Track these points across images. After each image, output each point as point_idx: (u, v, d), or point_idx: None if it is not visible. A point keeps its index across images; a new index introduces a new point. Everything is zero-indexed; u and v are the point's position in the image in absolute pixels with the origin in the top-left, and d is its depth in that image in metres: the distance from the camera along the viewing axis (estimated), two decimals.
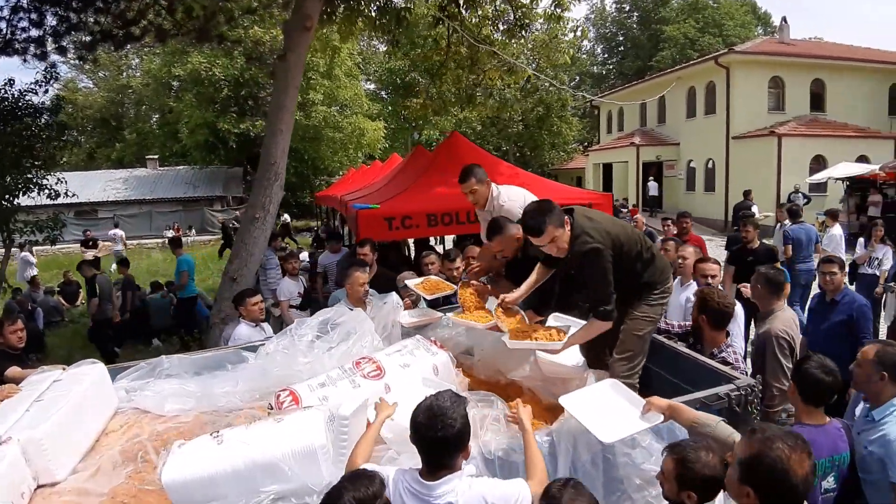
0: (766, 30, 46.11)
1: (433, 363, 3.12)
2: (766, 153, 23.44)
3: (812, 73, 25.16)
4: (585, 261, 3.03)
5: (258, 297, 4.93)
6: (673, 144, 29.00)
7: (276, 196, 6.84)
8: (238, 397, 3.43)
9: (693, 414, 2.51)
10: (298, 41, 6.80)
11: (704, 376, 3.27)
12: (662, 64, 41.15)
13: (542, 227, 2.96)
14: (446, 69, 10.80)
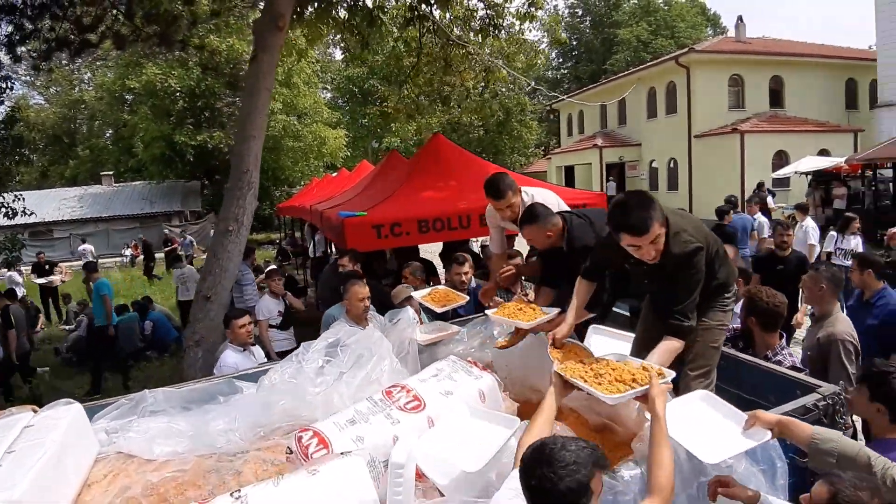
0: (715, 31, 47.19)
1: (478, 388, 2.68)
2: (728, 151, 23.76)
3: (770, 71, 25.68)
4: (686, 263, 2.59)
5: (246, 317, 4.41)
6: (634, 145, 29.24)
7: (250, 206, 6.33)
8: (239, 436, 2.93)
9: (810, 429, 2.14)
10: (271, 41, 6.31)
11: (773, 385, 2.92)
12: (617, 67, 41.67)
13: (648, 223, 2.42)
14: (418, 71, 10.39)
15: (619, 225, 2.50)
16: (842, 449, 2.04)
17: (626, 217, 2.46)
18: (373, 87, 34.21)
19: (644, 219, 2.42)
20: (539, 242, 3.40)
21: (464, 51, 9.49)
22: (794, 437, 2.15)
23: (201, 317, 5.84)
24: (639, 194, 2.56)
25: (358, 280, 4.29)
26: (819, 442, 2.07)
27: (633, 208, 2.45)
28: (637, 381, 2.25)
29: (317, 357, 3.24)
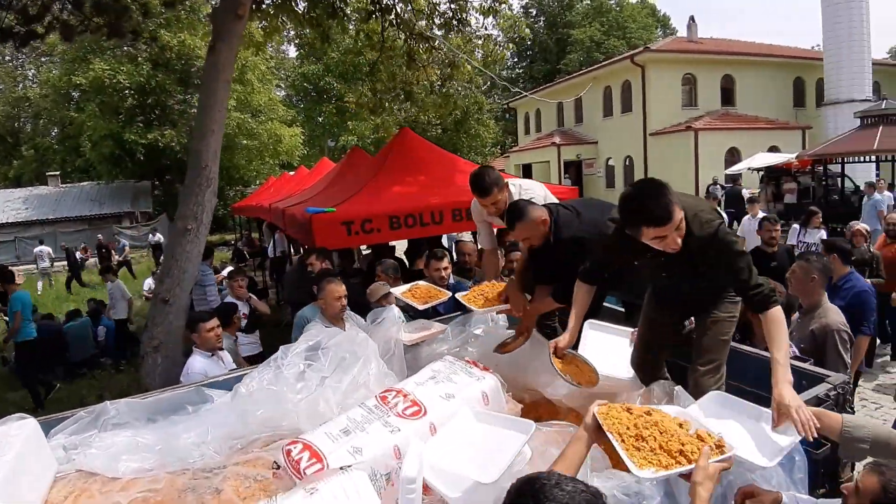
0: (665, 32, 48.11)
1: (481, 390, 2.48)
2: (683, 148, 24.23)
3: (721, 70, 26.32)
4: (718, 244, 2.38)
5: (214, 320, 4.12)
6: (591, 143, 29.56)
7: (209, 204, 6.01)
8: (213, 449, 2.68)
9: (840, 417, 2.02)
10: (230, 30, 5.99)
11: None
12: (571, 67, 42.10)
13: (671, 209, 2.19)
14: (380, 65, 10.15)
15: (640, 218, 2.25)
16: (875, 434, 1.95)
17: (646, 208, 2.22)
18: (328, 85, 33.70)
19: (666, 205, 2.20)
20: (535, 238, 3.18)
21: (427, 45, 9.29)
22: (825, 427, 2.03)
23: (160, 321, 5.51)
24: (649, 182, 2.33)
25: (334, 278, 4.05)
26: (852, 429, 1.96)
27: (651, 197, 2.23)
28: (685, 455, 1.85)
29: (297, 361, 2.99)
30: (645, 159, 26.30)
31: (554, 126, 33.06)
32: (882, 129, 15.41)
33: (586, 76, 29.56)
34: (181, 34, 20.39)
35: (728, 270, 2.43)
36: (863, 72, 23.43)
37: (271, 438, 2.78)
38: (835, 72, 23.71)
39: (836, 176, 18.00)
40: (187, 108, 23.04)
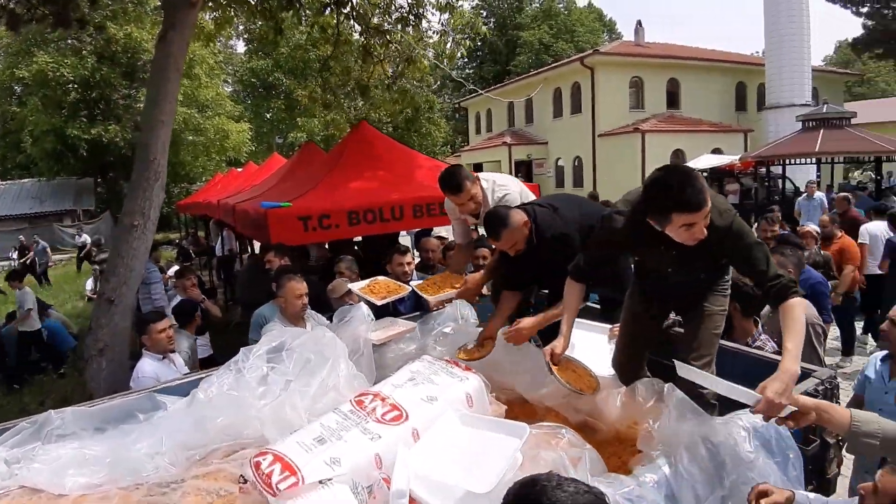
0: (611, 36, 48.99)
1: (465, 391, 2.33)
2: (630, 149, 24.69)
3: (667, 74, 26.95)
4: (735, 234, 2.30)
5: (165, 321, 3.85)
6: (542, 143, 29.81)
7: (158, 198, 5.69)
8: (168, 461, 2.47)
9: (848, 412, 1.92)
10: (182, 18, 5.69)
11: (760, 372, 2.77)
12: (520, 68, 42.44)
13: (706, 195, 2.10)
14: (334, 59, 9.88)
15: (672, 205, 2.13)
16: (885, 429, 1.85)
17: (683, 194, 2.10)
18: (277, 81, 33.02)
19: (700, 190, 2.10)
20: (522, 243, 3.03)
21: (384, 39, 9.08)
22: (832, 422, 1.92)
23: (105, 322, 5.16)
24: (678, 168, 2.24)
25: (294, 275, 3.85)
26: (861, 424, 1.86)
27: (687, 183, 2.11)
28: None
29: (259, 364, 2.79)
30: (594, 160, 26.70)
31: (505, 126, 33.27)
32: (823, 133, 15.97)
33: (537, 77, 29.81)
34: (128, 27, 19.55)
35: (746, 261, 2.35)
36: (803, 77, 24.33)
37: (232, 448, 2.58)
38: (776, 77, 24.55)
39: (778, 177, 18.61)
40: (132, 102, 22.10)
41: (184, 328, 4.87)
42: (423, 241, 5.63)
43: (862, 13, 28.80)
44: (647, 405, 2.40)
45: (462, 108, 40.68)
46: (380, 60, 9.38)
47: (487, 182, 3.64)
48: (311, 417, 2.43)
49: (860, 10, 28.77)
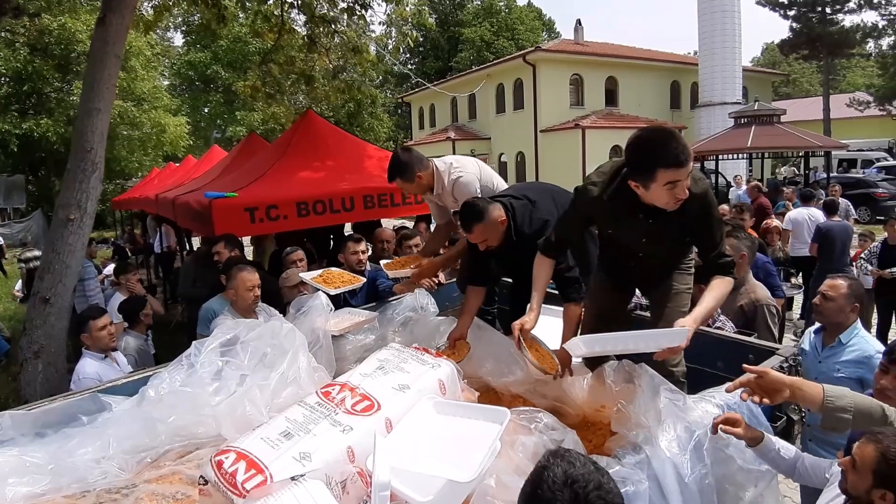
0: (550, 35, 49.68)
1: (437, 378, 2.24)
2: (571, 145, 25.13)
3: (606, 72, 27.57)
4: (707, 203, 2.33)
5: (106, 317, 3.62)
6: (485, 139, 29.98)
7: (95, 191, 5.37)
8: (117, 465, 2.31)
9: (820, 387, 1.95)
10: (121, 0, 5.40)
11: (721, 352, 2.83)
12: (462, 65, 42.60)
13: (688, 155, 2.11)
14: (278, 48, 9.61)
15: (660, 160, 2.10)
16: (856, 403, 1.89)
17: (669, 148, 2.09)
18: (216, 74, 32.05)
19: (685, 147, 2.10)
20: (494, 239, 2.94)
21: (330, 28, 8.88)
22: (806, 397, 1.94)
23: (39, 323, 4.84)
24: (661, 126, 2.26)
25: (246, 266, 3.69)
26: (834, 399, 1.89)
27: (672, 139, 2.11)
28: None
29: (213, 358, 2.65)
30: (536, 155, 27.05)
31: (448, 121, 33.32)
32: (755, 129, 16.62)
33: (480, 73, 30.00)
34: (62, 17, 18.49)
35: (707, 231, 2.41)
36: (734, 77, 25.31)
37: (186, 449, 2.44)
38: (709, 76, 25.45)
39: (711, 172, 19.28)
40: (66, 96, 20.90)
41: (133, 328, 4.61)
42: (378, 232, 5.50)
43: (789, 16, 30.13)
44: (617, 388, 2.38)
45: (405, 103, 40.52)
46: (325, 50, 9.17)
47: (444, 164, 3.58)
48: (273, 413, 2.32)
49: (787, 12, 30.09)
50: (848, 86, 47.62)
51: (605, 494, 1.23)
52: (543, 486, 1.24)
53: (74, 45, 19.40)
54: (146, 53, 21.95)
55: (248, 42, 29.78)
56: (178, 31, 33.95)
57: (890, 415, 1.87)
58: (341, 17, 9.28)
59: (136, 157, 22.64)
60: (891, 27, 28.76)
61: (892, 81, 27.91)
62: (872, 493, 1.66)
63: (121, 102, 20.33)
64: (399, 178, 3.53)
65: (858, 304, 3.01)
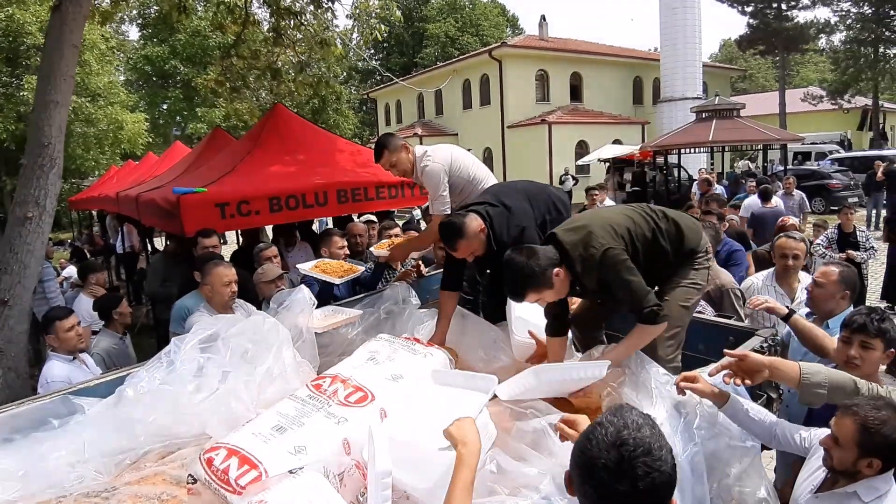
0: (514, 31, 49.89)
1: (431, 368, 2.20)
2: (538, 140, 25.29)
3: (570, 68, 27.80)
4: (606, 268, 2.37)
5: (73, 317, 3.47)
6: (452, 135, 29.94)
7: (54, 187, 5.20)
8: (94, 468, 2.22)
9: (796, 365, 2.05)
10: None
11: (701, 335, 2.86)
12: (427, 60, 42.48)
13: (523, 295, 2.35)
14: (242, 43, 9.41)
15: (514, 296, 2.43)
16: (830, 378, 2.00)
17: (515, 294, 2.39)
18: (174, 69, 31.30)
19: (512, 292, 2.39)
20: (479, 249, 2.93)
21: (296, 21, 8.73)
22: (784, 376, 2.05)
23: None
24: (515, 266, 2.32)
25: (221, 260, 3.59)
26: (810, 375, 2.00)
27: (512, 284, 2.35)
28: None
29: (193, 355, 2.56)
30: (503, 150, 27.14)
31: (415, 117, 33.20)
32: (716, 123, 16.92)
33: (446, 69, 29.94)
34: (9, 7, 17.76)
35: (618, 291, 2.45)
36: (695, 73, 25.73)
37: (168, 449, 2.36)
38: (670, 72, 25.83)
39: (674, 166, 19.61)
40: (15, 91, 20.11)
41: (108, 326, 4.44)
42: (350, 227, 5.44)
43: (747, 12, 30.81)
44: None
45: (370, 99, 40.21)
46: (292, 43, 9.02)
47: (420, 151, 3.67)
48: (259, 409, 2.25)
49: (745, 9, 30.76)
50: (802, 81, 48.99)
51: (653, 462, 1.19)
52: (593, 441, 1.23)
53: (24, 37, 18.70)
54: (101, 47, 21.25)
55: (208, 36, 29.13)
56: (133, 24, 33.03)
57: (861, 387, 1.97)
58: (307, 10, 9.14)
59: (91, 155, 21.91)
60: (843, 23, 29.66)
61: (844, 76, 28.82)
62: (858, 464, 1.74)
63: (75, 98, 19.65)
64: (386, 149, 3.61)
65: (850, 290, 3.02)
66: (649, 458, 1.19)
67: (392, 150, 3.62)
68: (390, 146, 3.62)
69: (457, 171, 3.68)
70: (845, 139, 27.95)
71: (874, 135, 29.86)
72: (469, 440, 1.53)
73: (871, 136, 30.01)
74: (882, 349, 2.30)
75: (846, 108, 29.71)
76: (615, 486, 1.17)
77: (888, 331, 2.29)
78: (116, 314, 4.38)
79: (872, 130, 30.34)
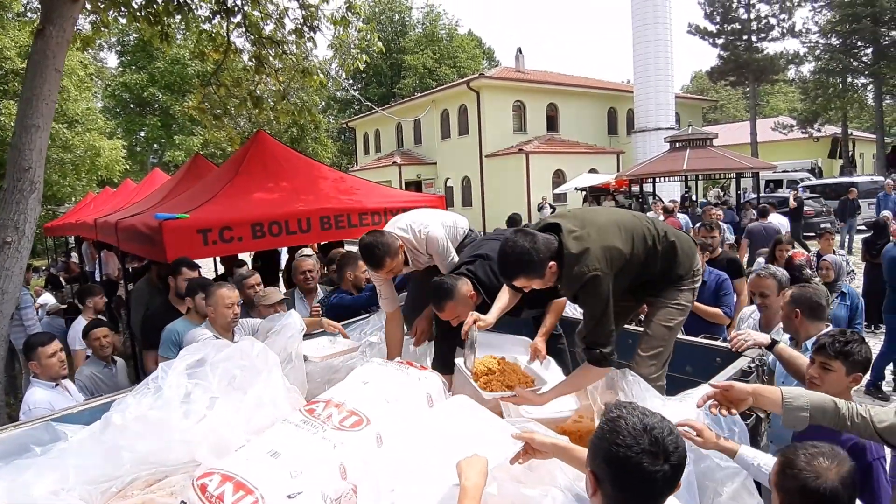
0: (490, 63, 50.67)
1: (426, 391, 2.20)
2: (515, 169, 25.57)
3: (547, 98, 28.28)
4: (583, 289, 2.39)
5: (55, 343, 3.41)
6: (431, 164, 30.16)
7: (34, 212, 5.16)
8: (79, 496, 2.18)
9: (778, 390, 2.08)
10: (62, 12, 5.21)
11: (689, 357, 2.90)
12: (405, 91, 42.90)
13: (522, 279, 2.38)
14: (224, 71, 9.43)
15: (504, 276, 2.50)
16: (811, 401, 2.03)
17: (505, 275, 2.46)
18: (152, 97, 31.23)
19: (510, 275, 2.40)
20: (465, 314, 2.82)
21: (278, 50, 8.79)
22: (767, 402, 2.10)
23: None
24: (509, 255, 2.34)
25: (224, 283, 3.58)
26: (792, 399, 2.03)
27: (503, 266, 2.40)
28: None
29: (181, 381, 2.52)
30: (481, 180, 27.37)
31: (394, 146, 33.41)
32: (689, 152, 17.26)
33: (425, 98, 30.26)
34: None
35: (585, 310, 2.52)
36: (668, 104, 26.34)
37: (155, 477, 2.32)
38: (643, 103, 26.42)
39: (648, 194, 19.93)
40: None
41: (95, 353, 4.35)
42: (299, 262, 5.35)
43: (718, 44, 31.68)
44: (600, 395, 2.39)
45: (349, 128, 40.41)
46: (274, 72, 9.07)
47: (407, 233, 3.39)
48: (250, 434, 2.22)
49: (716, 41, 31.64)
50: (772, 110, 50.36)
51: (676, 439, 1.33)
52: (623, 432, 1.31)
53: (3, 62, 18.61)
54: (79, 73, 21.16)
55: (187, 64, 29.17)
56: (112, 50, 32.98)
57: (841, 407, 1.99)
58: (289, 39, 9.22)
59: (68, 181, 21.66)
60: (811, 54, 30.63)
61: (814, 106, 29.66)
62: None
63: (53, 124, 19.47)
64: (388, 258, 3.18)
65: (803, 310, 3.04)
66: (673, 436, 1.33)
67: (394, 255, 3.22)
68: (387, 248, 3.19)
69: (446, 222, 3.60)
70: (816, 167, 28.66)
71: (844, 162, 30.68)
72: (472, 481, 1.55)
73: (842, 164, 30.81)
74: (844, 371, 2.33)
75: (816, 137, 30.50)
76: (656, 468, 1.28)
77: (852, 353, 2.32)
78: (93, 339, 4.28)
79: (842, 158, 31.19)
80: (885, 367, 6.45)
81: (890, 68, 27.43)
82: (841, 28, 28.14)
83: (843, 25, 27.81)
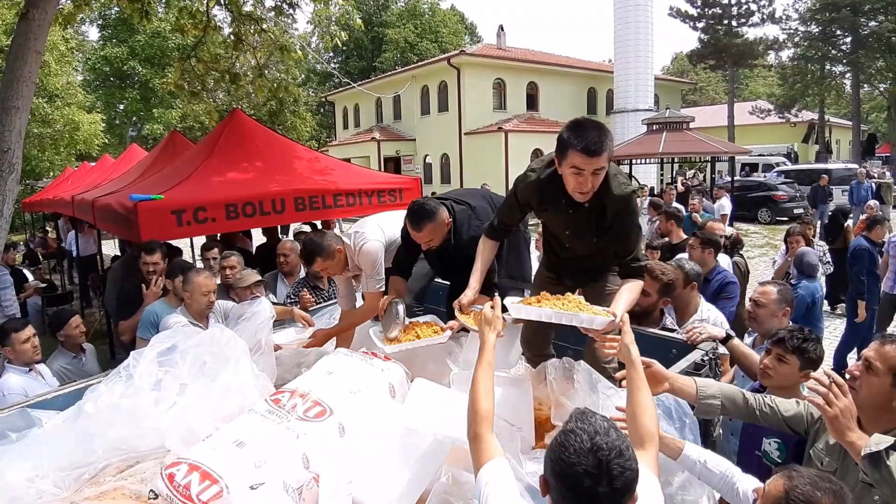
0: (472, 39, 50.28)
1: (388, 382, 2.29)
2: (494, 147, 25.60)
3: (527, 77, 28.24)
4: (627, 208, 2.49)
5: (29, 329, 3.45)
6: (410, 140, 30.05)
7: (12, 193, 5.18)
8: (52, 483, 2.23)
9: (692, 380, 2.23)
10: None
11: (648, 348, 2.98)
12: (386, 65, 42.52)
13: (602, 147, 2.26)
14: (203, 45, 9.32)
15: (573, 142, 2.27)
16: (723, 391, 2.20)
17: (584, 134, 2.25)
18: (132, 70, 30.65)
19: (601, 142, 2.25)
20: (438, 240, 3.03)
21: (257, 27, 8.71)
22: (682, 391, 2.22)
23: None
24: (592, 120, 2.41)
25: (202, 270, 3.64)
26: (704, 388, 2.19)
27: (593, 129, 2.28)
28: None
29: (152, 369, 2.59)
30: (460, 157, 27.37)
31: (373, 122, 33.17)
32: (666, 135, 17.44)
33: (405, 74, 30.03)
34: None
35: (624, 236, 2.58)
36: (647, 85, 26.44)
37: (126, 463, 2.38)
38: (623, 84, 26.50)
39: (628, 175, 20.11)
40: None
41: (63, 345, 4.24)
42: (280, 245, 5.47)
43: (698, 28, 31.81)
44: (556, 385, 2.49)
45: (328, 102, 39.99)
46: (252, 48, 8.99)
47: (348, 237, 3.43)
48: (218, 422, 2.30)
49: (697, 24, 31.75)
50: (750, 94, 50.73)
51: (625, 462, 1.33)
52: (570, 449, 1.34)
53: None
54: (60, 48, 20.68)
55: (168, 38, 28.62)
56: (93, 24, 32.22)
57: (749, 398, 2.19)
58: (269, 16, 9.14)
59: (47, 156, 21.26)
60: (791, 41, 30.91)
61: (791, 91, 30.01)
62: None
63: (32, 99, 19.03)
64: (319, 257, 3.28)
65: (789, 307, 3.18)
66: (622, 459, 1.32)
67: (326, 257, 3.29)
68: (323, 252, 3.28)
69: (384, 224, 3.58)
70: (792, 152, 29.07)
71: (819, 148, 31.17)
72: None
73: (817, 150, 31.29)
74: (798, 366, 2.46)
75: (793, 122, 30.92)
76: (596, 489, 1.30)
77: (808, 351, 2.46)
78: (62, 336, 4.14)
79: (818, 144, 31.66)
80: (847, 354, 6.44)
81: (868, 57, 27.79)
82: (821, 16, 28.40)
83: (823, 14, 28.09)
